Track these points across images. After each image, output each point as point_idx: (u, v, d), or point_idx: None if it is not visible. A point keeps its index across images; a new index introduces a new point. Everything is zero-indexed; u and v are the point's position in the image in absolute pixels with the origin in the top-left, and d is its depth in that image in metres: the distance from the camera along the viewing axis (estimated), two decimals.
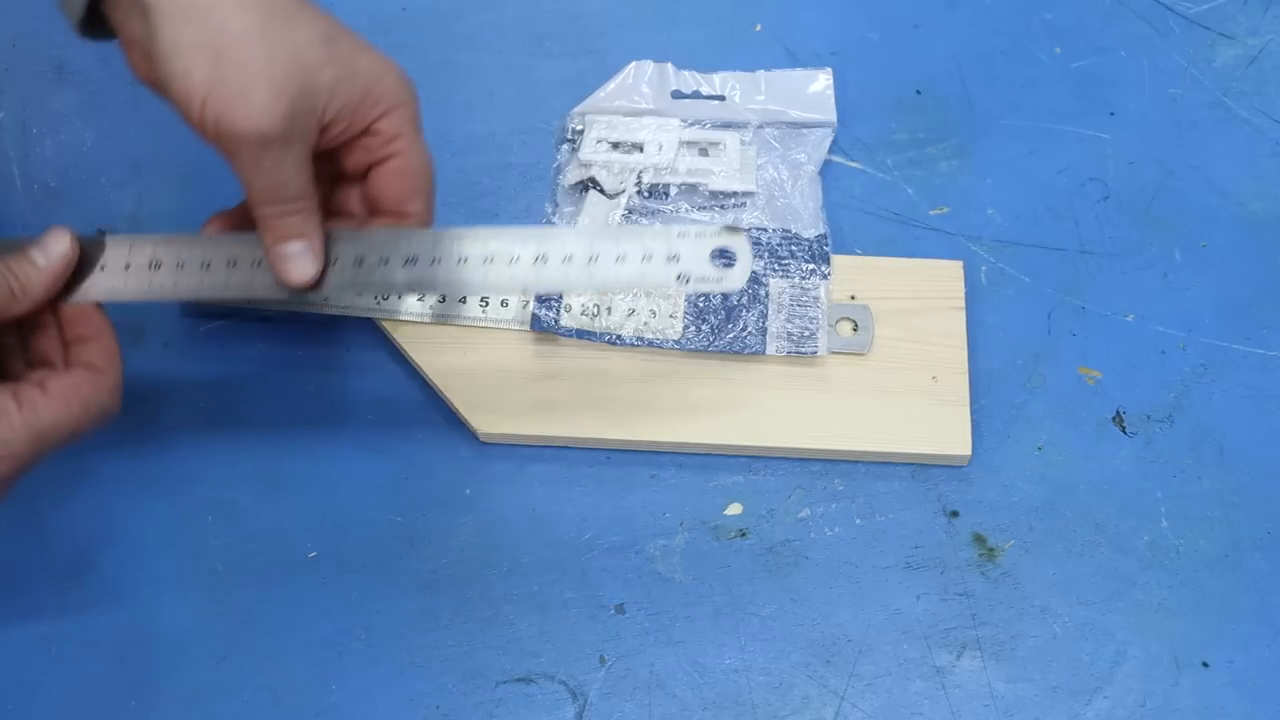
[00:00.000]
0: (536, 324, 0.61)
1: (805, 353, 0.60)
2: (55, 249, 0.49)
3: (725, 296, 0.62)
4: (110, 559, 0.57)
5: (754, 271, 0.63)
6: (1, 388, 0.46)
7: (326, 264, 0.50)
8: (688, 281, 0.51)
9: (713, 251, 0.51)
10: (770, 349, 0.61)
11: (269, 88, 0.45)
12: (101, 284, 0.51)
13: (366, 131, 0.50)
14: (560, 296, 0.62)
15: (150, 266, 0.51)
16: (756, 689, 0.54)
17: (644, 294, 0.62)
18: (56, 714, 0.54)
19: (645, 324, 0.61)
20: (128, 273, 0.51)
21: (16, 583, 0.57)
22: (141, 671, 0.55)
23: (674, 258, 0.51)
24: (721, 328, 0.61)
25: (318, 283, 0.51)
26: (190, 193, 0.68)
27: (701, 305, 0.62)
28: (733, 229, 0.51)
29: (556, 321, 0.61)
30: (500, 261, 0.51)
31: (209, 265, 0.52)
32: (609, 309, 0.62)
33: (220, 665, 0.55)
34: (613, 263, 0.51)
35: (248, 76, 0.45)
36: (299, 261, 0.49)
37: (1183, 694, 0.54)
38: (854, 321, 0.61)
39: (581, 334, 0.61)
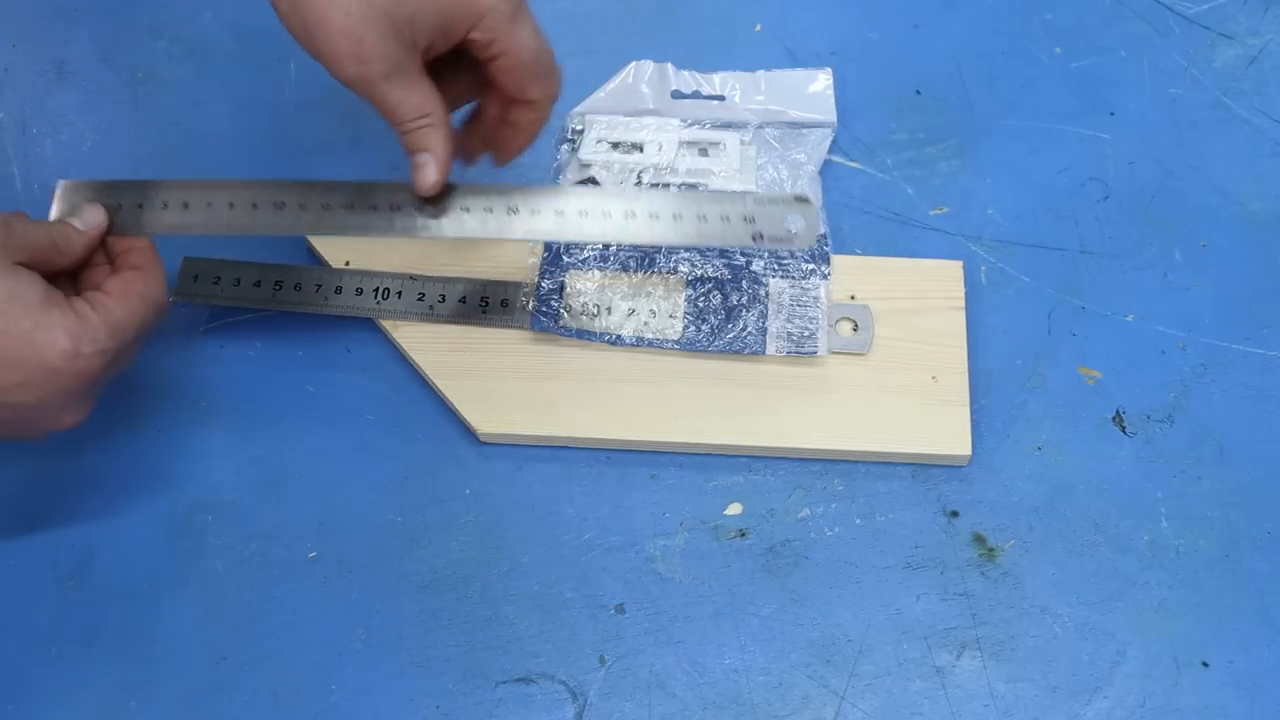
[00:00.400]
0: (536, 323, 0.61)
1: (805, 353, 0.60)
2: (91, 218, 0.55)
3: (725, 297, 0.62)
4: (110, 559, 0.57)
5: (754, 271, 0.63)
6: (71, 298, 0.50)
7: (448, 210, 0.56)
8: (762, 239, 0.56)
9: (785, 215, 0.56)
10: (770, 349, 0.61)
11: (349, 39, 0.52)
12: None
13: (465, 42, 0.54)
14: (560, 296, 0.62)
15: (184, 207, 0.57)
16: (756, 689, 0.54)
17: (644, 294, 0.62)
18: (57, 714, 0.54)
19: (645, 324, 0.61)
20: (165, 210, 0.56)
21: (17, 583, 0.57)
22: (141, 671, 0.55)
23: (750, 219, 0.56)
24: (721, 328, 0.61)
25: (440, 205, 0.56)
26: None
27: (701, 306, 0.62)
28: (802, 197, 0.56)
29: (556, 322, 0.61)
30: (594, 216, 0.56)
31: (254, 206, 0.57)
32: (609, 309, 0.62)
33: (220, 665, 0.55)
34: (695, 221, 0.56)
35: (330, 32, 0.52)
36: (424, 171, 0.55)
37: (1183, 694, 0.54)
38: (854, 321, 0.61)
39: (581, 334, 0.61)
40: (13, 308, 0.48)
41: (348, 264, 0.63)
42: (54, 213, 0.56)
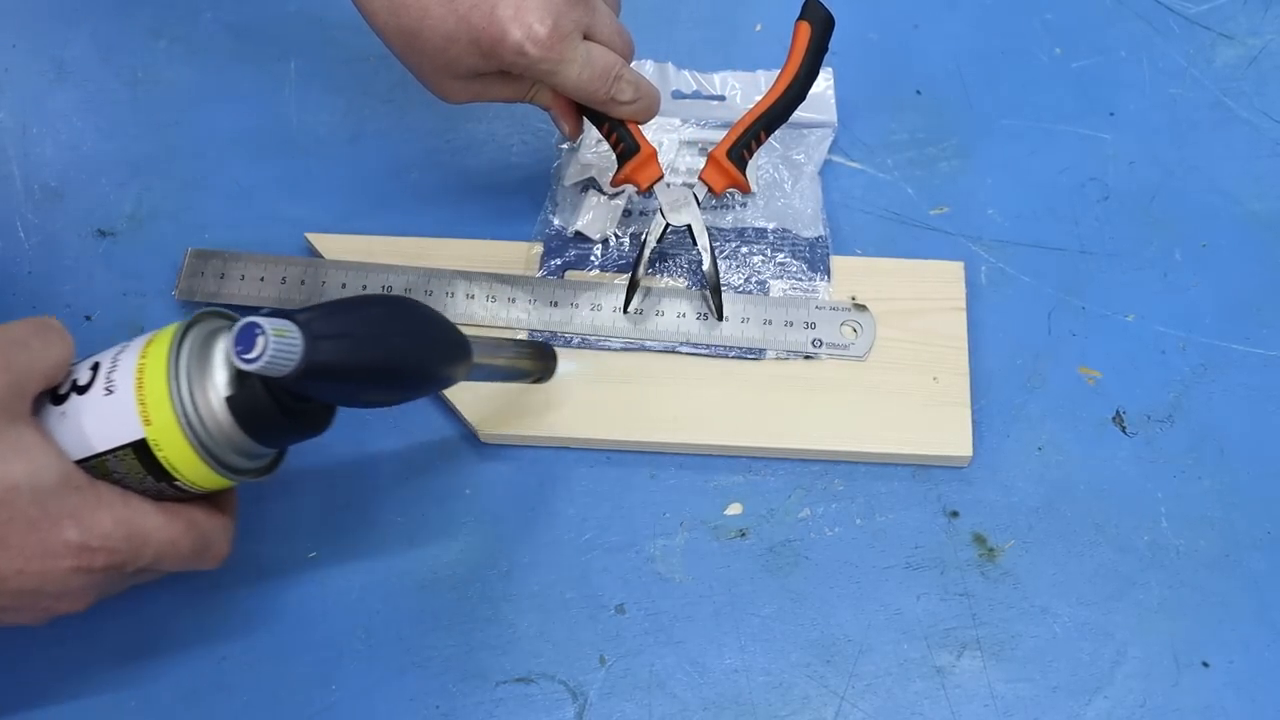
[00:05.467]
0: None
1: (806, 354, 0.60)
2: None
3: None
4: None
5: (754, 271, 0.63)
6: (98, 483, 0.46)
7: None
8: (821, 345, 0.60)
9: (843, 323, 0.60)
10: (771, 350, 0.61)
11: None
12: None
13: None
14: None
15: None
16: (756, 689, 0.54)
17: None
18: (58, 713, 0.54)
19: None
20: None
21: None
22: (142, 671, 0.55)
23: (811, 324, 0.60)
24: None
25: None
26: (189, 192, 0.69)
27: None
28: (861, 305, 0.61)
29: (556, 333, 0.61)
30: (669, 314, 0.61)
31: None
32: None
33: (220, 665, 0.55)
34: (760, 324, 0.61)
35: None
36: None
37: (1182, 694, 0.54)
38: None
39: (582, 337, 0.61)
40: (18, 497, 0.43)
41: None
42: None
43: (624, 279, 0.62)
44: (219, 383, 0.45)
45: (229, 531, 0.50)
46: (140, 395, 0.45)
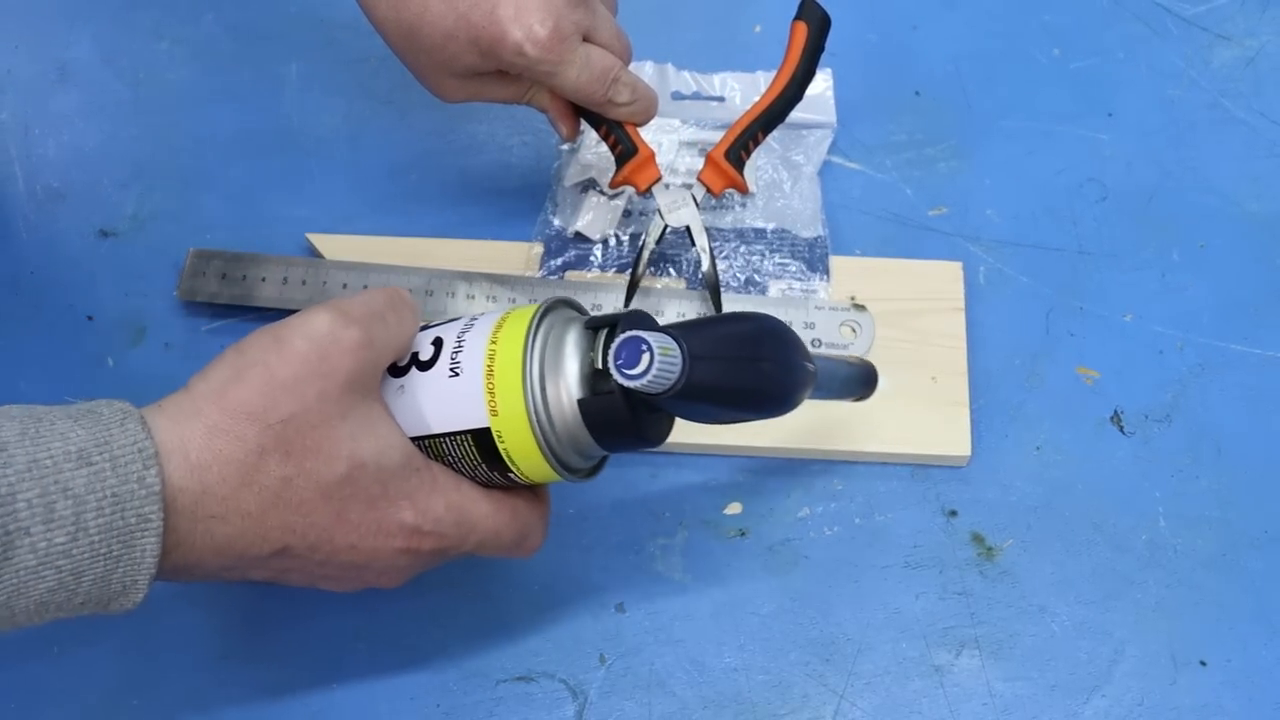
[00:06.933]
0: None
1: None
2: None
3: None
4: None
5: (753, 271, 0.63)
6: (434, 466, 0.46)
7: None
8: (820, 345, 0.60)
9: (842, 322, 0.59)
10: None
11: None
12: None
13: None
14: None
15: None
16: (756, 688, 0.54)
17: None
18: (58, 713, 0.54)
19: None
20: None
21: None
22: (142, 671, 0.55)
23: (810, 325, 0.60)
24: None
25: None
26: (191, 193, 0.69)
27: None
28: (859, 305, 0.60)
29: None
30: (670, 315, 0.60)
31: None
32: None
33: (220, 665, 0.55)
34: None
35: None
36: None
37: (1180, 692, 0.54)
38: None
39: None
40: (364, 474, 0.43)
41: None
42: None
43: (624, 279, 0.62)
44: (571, 382, 0.44)
45: (545, 523, 0.50)
46: (489, 383, 0.44)
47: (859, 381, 0.56)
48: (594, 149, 0.67)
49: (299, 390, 0.42)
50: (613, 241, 0.65)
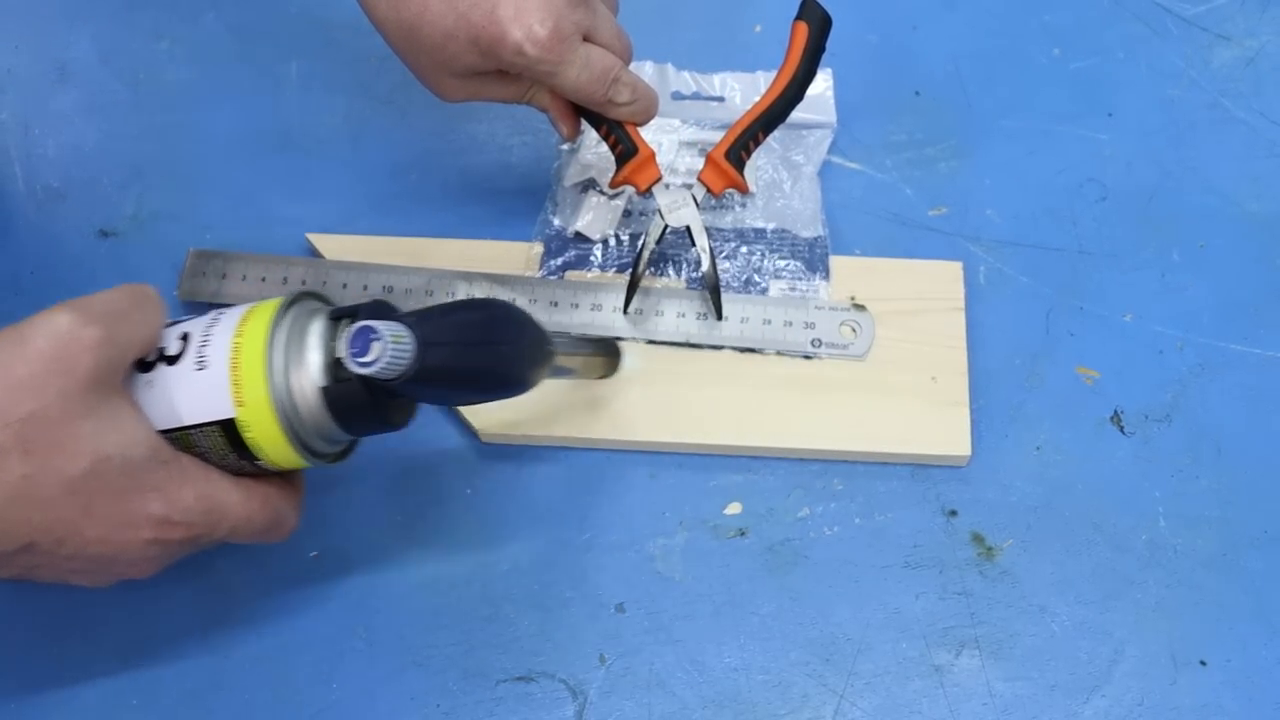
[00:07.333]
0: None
1: (805, 354, 0.61)
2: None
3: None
4: None
5: (753, 271, 0.63)
6: (182, 455, 0.46)
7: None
8: (820, 345, 0.60)
9: (842, 322, 0.60)
10: (770, 350, 0.61)
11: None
12: None
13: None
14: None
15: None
16: (756, 687, 0.54)
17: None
18: (59, 713, 0.54)
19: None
20: None
21: (19, 582, 0.57)
22: (142, 671, 0.55)
23: (810, 325, 0.60)
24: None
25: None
26: (191, 193, 0.69)
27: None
28: (860, 305, 0.61)
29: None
30: (669, 314, 0.61)
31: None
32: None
33: (220, 665, 0.55)
34: (760, 324, 0.61)
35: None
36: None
37: (1180, 692, 0.54)
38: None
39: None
40: (109, 468, 0.44)
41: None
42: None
43: (624, 279, 0.62)
44: (314, 371, 0.46)
45: (298, 507, 0.51)
46: (234, 376, 0.45)
47: (599, 356, 0.59)
48: (594, 149, 0.67)
49: (38, 388, 0.42)
50: (613, 241, 0.65)
